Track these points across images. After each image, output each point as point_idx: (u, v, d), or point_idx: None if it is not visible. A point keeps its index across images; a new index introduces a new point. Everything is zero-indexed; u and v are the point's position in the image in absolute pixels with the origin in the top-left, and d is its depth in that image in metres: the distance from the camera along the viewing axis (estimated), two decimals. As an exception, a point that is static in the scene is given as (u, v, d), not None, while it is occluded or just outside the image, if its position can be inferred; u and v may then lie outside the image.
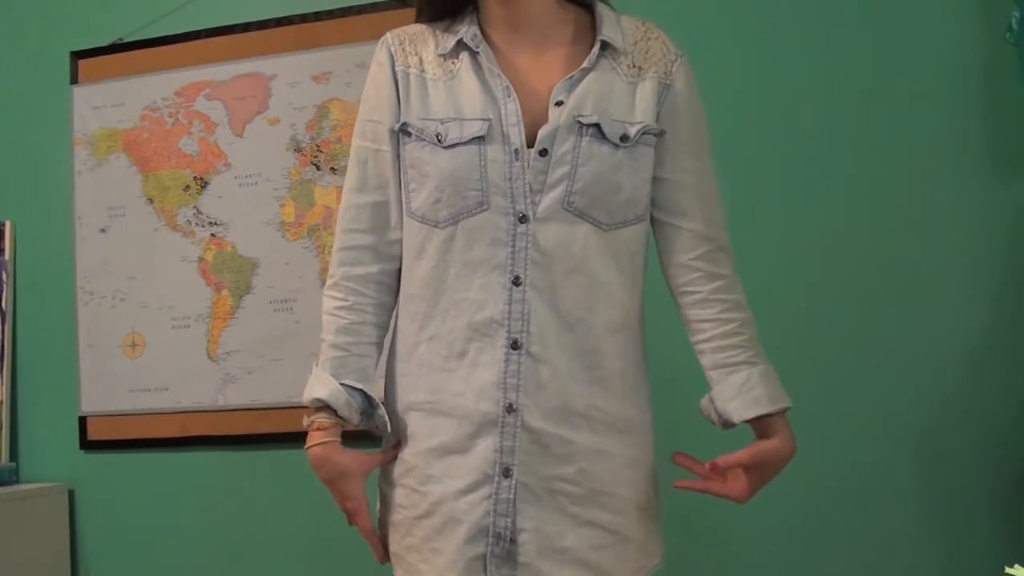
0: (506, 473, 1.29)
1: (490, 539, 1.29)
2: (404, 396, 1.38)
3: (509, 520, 1.29)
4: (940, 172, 2.19)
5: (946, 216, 2.18)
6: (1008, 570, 0.79)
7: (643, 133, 1.34)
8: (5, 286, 2.77)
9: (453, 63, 1.36)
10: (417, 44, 1.40)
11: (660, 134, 1.36)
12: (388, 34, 1.43)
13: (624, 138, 1.32)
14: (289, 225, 2.56)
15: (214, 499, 2.58)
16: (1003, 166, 2.16)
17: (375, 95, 1.41)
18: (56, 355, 2.71)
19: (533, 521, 1.29)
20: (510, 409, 1.29)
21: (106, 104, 2.71)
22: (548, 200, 1.30)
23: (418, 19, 1.44)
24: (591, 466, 1.31)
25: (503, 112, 1.31)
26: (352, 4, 2.52)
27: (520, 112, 1.31)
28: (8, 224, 2.79)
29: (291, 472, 2.52)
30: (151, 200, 2.67)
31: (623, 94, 1.35)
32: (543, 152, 1.30)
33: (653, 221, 1.41)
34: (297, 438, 2.52)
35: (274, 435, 2.52)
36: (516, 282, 1.29)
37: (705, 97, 1.47)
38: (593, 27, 1.39)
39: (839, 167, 2.23)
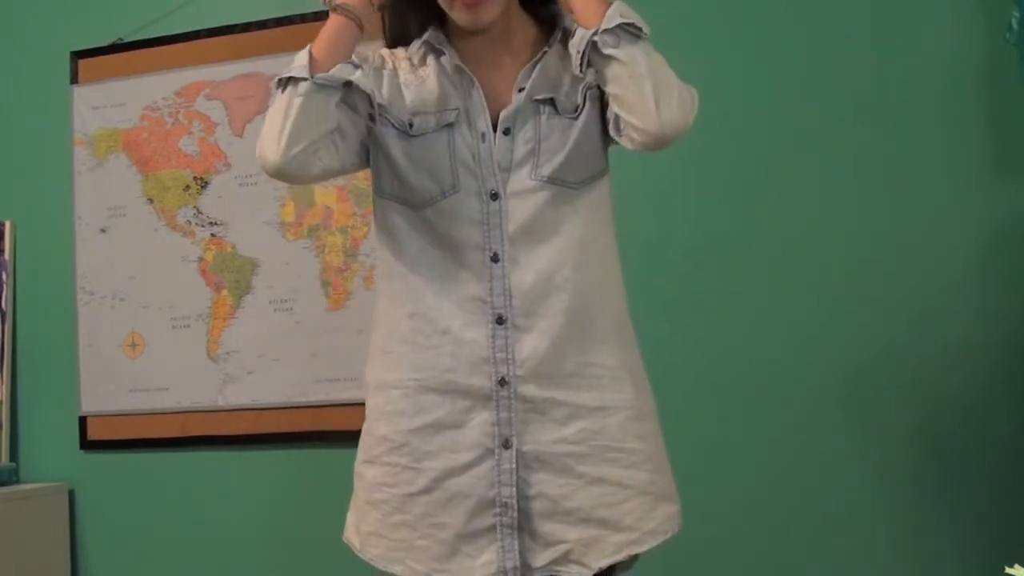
0: (506, 444, 1.33)
1: (497, 509, 1.32)
2: (385, 374, 1.40)
3: (513, 489, 1.32)
4: (940, 172, 2.19)
5: (946, 216, 2.18)
6: (1008, 570, 0.79)
7: (587, 90, 1.38)
8: (5, 286, 2.77)
9: (423, 69, 1.42)
10: (391, 57, 1.46)
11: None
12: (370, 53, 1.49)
13: (576, 108, 1.38)
14: (289, 225, 2.56)
15: (214, 499, 2.58)
16: (1003, 166, 2.16)
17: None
18: (56, 355, 2.71)
19: (538, 487, 1.33)
20: (502, 382, 1.33)
21: (106, 104, 2.71)
22: (517, 175, 1.36)
23: (391, 45, 1.48)
24: (594, 424, 1.34)
25: (469, 101, 1.38)
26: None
27: (484, 100, 1.38)
28: (8, 224, 2.79)
29: (291, 472, 2.52)
30: (151, 200, 2.67)
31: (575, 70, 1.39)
32: (506, 131, 1.37)
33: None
34: (297, 438, 2.54)
35: (274, 435, 2.52)
36: (495, 259, 1.34)
37: (705, 97, 1.47)
38: (552, 31, 1.45)
39: (839, 167, 2.23)
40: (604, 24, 1.31)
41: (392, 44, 1.48)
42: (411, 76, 1.42)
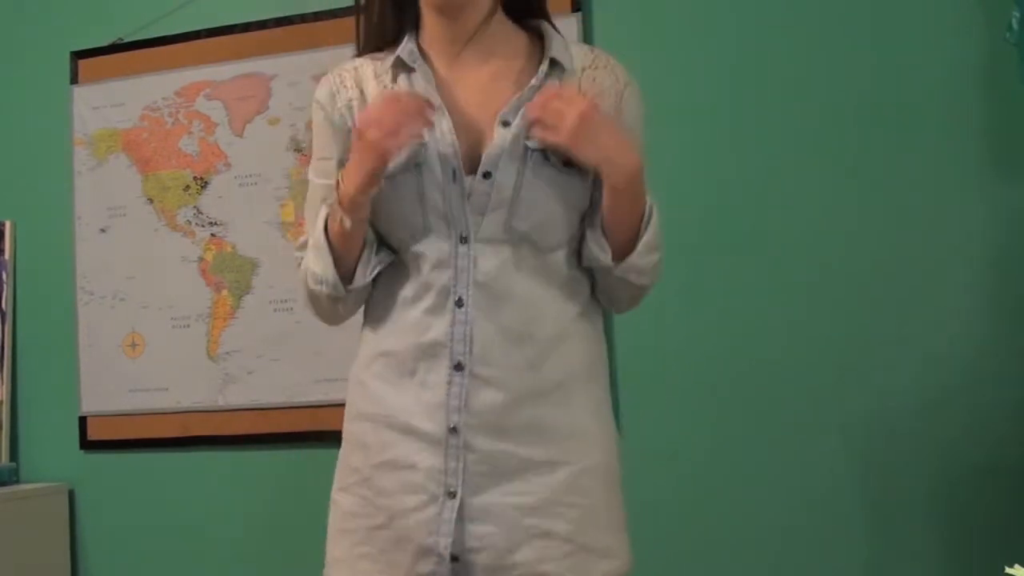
0: (451, 494, 1.29)
1: (435, 558, 1.29)
2: (361, 404, 1.39)
3: (449, 540, 1.28)
4: (940, 172, 2.19)
5: (946, 216, 2.18)
6: (1008, 570, 0.79)
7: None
8: (5, 286, 2.77)
9: (393, 87, 1.34)
10: (359, 77, 1.38)
11: None
12: (329, 73, 1.41)
13: (567, 163, 1.29)
14: (289, 225, 2.56)
15: (214, 499, 2.58)
16: (1003, 166, 2.16)
17: (320, 134, 1.40)
18: (56, 355, 2.71)
19: (481, 540, 1.29)
20: (453, 431, 1.29)
21: (106, 104, 2.71)
22: (489, 223, 1.29)
23: (361, 53, 1.41)
24: (541, 477, 1.30)
25: (437, 131, 1.29)
26: (352, 4, 2.51)
27: (454, 131, 1.29)
28: (8, 224, 2.79)
29: (291, 472, 2.52)
30: (151, 200, 2.67)
31: None
32: (486, 175, 1.28)
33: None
34: (297, 438, 2.54)
35: (274, 435, 2.52)
36: (459, 303, 1.29)
37: (705, 96, 1.47)
38: (541, 48, 1.36)
39: (839, 167, 2.23)
40: (632, 261, 1.32)
41: (364, 51, 1.41)
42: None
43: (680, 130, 2.24)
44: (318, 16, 2.54)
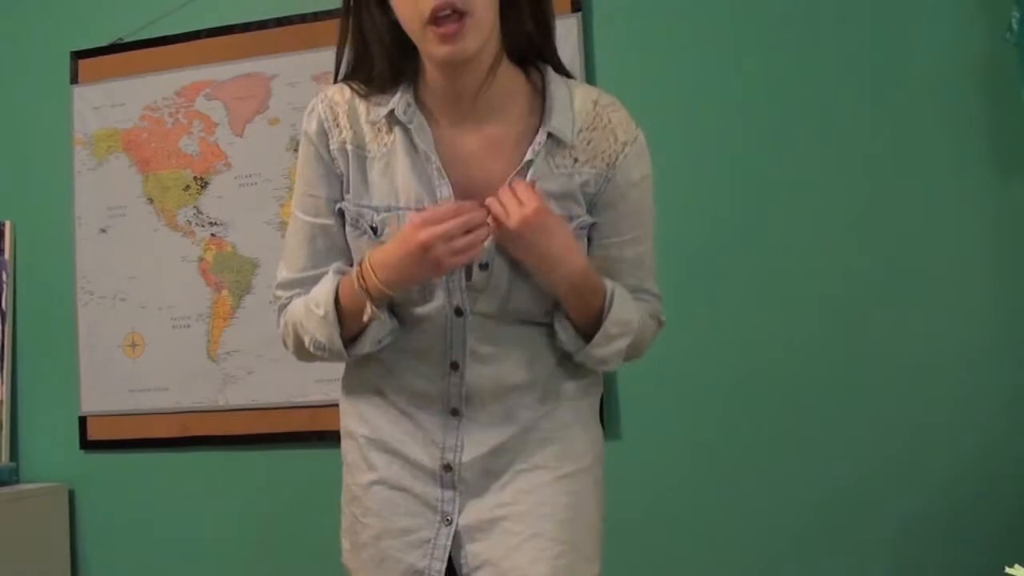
0: (446, 521, 1.32)
1: None
2: (351, 423, 1.40)
3: (443, 564, 1.31)
4: (940, 172, 2.19)
5: (946, 216, 2.18)
6: (1008, 570, 0.79)
7: (580, 228, 1.31)
8: (5, 286, 2.77)
9: (387, 136, 1.30)
10: (351, 114, 1.32)
11: (592, 225, 1.33)
12: (319, 103, 1.34)
13: None
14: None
15: (214, 499, 2.58)
16: (1003, 166, 2.16)
17: (309, 168, 1.34)
18: (56, 355, 2.71)
19: (483, 555, 1.31)
20: (447, 468, 1.32)
21: (106, 104, 2.71)
22: (484, 302, 1.30)
23: (342, 79, 1.35)
24: (527, 484, 1.32)
25: (438, 199, 1.26)
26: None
27: (454, 199, 1.26)
28: (8, 224, 2.79)
29: (291, 472, 2.52)
30: (151, 200, 2.67)
31: (556, 194, 1.29)
32: (483, 266, 1.27)
33: None
34: (297, 438, 2.54)
35: (274, 435, 2.52)
36: (454, 366, 1.31)
37: (705, 95, 1.46)
38: (543, 106, 1.30)
39: (839, 167, 2.23)
40: (589, 352, 1.30)
41: (346, 77, 1.34)
42: (375, 145, 1.30)
43: (677, 131, 2.24)
44: (318, 16, 2.54)
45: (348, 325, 1.29)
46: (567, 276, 1.26)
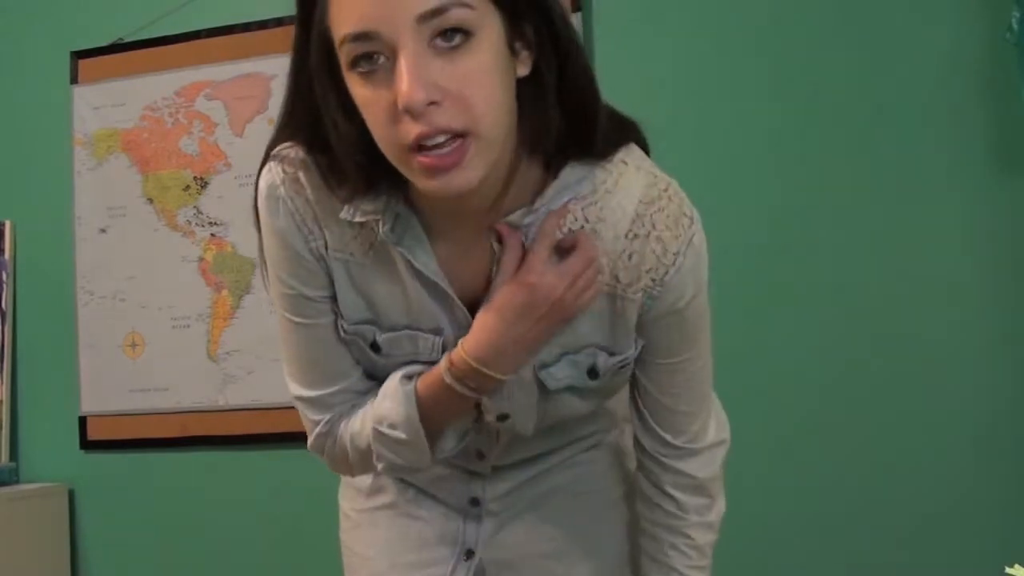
0: (468, 555, 1.24)
1: None
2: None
3: None
4: (940, 172, 2.19)
5: (946, 216, 2.18)
6: (1008, 570, 0.79)
7: (621, 367, 1.11)
8: (5, 286, 2.76)
9: (373, 234, 1.03)
10: (317, 216, 1.04)
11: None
12: (281, 187, 1.04)
13: (593, 372, 1.09)
14: (289, 225, 2.55)
15: (214, 499, 2.58)
16: (1003, 166, 2.16)
17: (288, 268, 1.08)
18: (56, 355, 2.71)
19: None
20: (474, 502, 1.25)
21: (106, 104, 2.71)
22: (501, 448, 1.19)
23: (290, 136, 1.06)
24: (563, 514, 1.25)
25: (454, 321, 1.06)
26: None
27: (468, 318, 1.04)
28: (8, 224, 2.79)
29: (291, 472, 2.52)
30: (151, 200, 2.67)
31: (594, 315, 1.06)
32: (502, 417, 1.10)
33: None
34: (297, 438, 2.52)
35: (274, 435, 2.52)
36: (480, 455, 1.22)
37: (705, 95, 1.46)
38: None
39: (839, 167, 2.23)
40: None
41: (290, 136, 1.06)
42: (355, 244, 1.05)
43: (681, 132, 2.24)
44: (318, 16, 2.54)
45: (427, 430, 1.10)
46: (497, 369, 1.05)
